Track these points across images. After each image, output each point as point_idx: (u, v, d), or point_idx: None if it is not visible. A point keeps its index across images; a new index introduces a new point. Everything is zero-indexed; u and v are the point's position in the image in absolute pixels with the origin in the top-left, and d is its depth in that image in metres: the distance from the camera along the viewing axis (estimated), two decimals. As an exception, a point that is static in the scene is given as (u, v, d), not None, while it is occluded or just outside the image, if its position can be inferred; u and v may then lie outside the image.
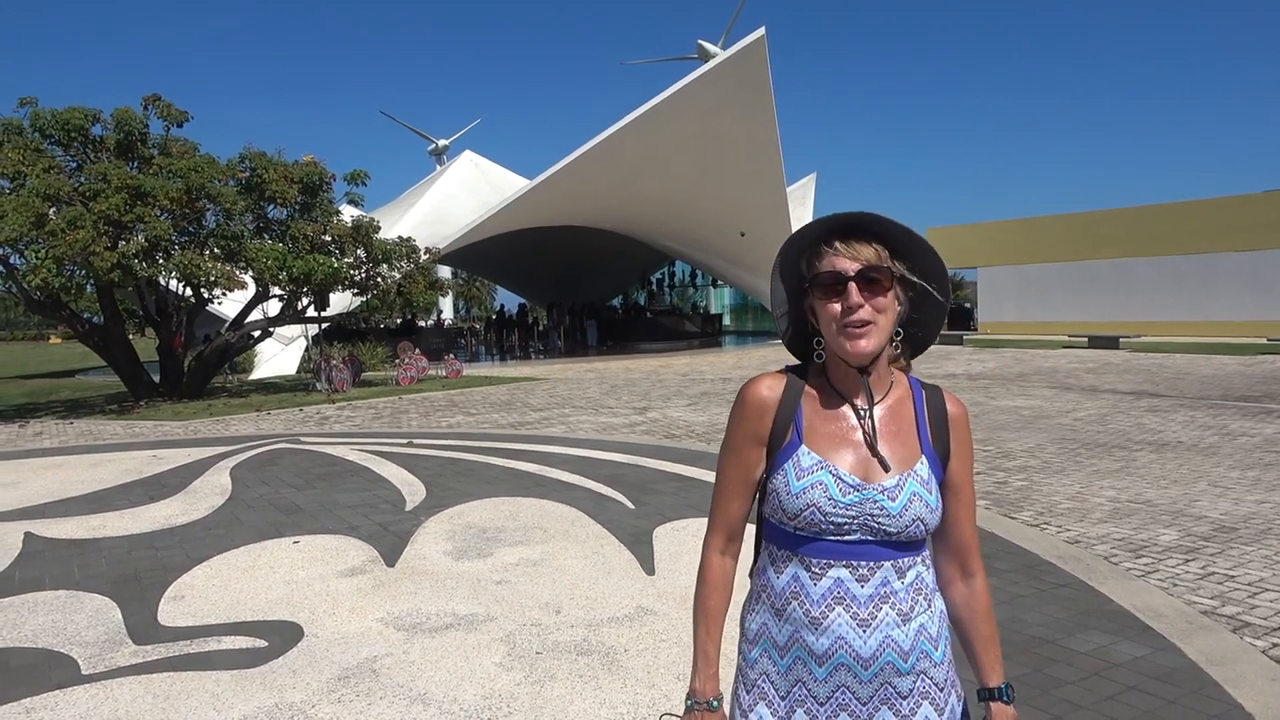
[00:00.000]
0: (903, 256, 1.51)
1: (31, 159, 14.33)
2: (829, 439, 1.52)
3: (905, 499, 1.48)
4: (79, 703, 3.54)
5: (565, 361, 24.82)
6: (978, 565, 1.61)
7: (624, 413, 12.52)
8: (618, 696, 3.45)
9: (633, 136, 21.44)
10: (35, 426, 13.40)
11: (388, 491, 7.46)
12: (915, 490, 1.49)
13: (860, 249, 1.47)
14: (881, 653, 1.47)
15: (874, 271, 1.46)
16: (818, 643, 1.48)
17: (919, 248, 1.51)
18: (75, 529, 6.50)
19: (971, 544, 1.60)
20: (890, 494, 1.48)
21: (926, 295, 1.55)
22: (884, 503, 1.47)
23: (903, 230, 1.49)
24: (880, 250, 1.48)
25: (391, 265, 17.59)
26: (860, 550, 1.48)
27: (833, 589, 1.48)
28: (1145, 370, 16.51)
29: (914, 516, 1.48)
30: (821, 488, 1.48)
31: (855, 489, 1.48)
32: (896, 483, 1.49)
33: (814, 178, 40.18)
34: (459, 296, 64.32)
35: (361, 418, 13.11)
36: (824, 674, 1.49)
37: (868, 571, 1.48)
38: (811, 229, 1.52)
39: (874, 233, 1.50)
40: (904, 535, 1.48)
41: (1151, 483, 7.01)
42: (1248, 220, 25.40)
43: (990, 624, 1.60)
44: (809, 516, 1.49)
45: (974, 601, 1.60)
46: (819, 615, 1.48)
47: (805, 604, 1.50)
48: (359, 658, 3.91)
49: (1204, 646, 3.72)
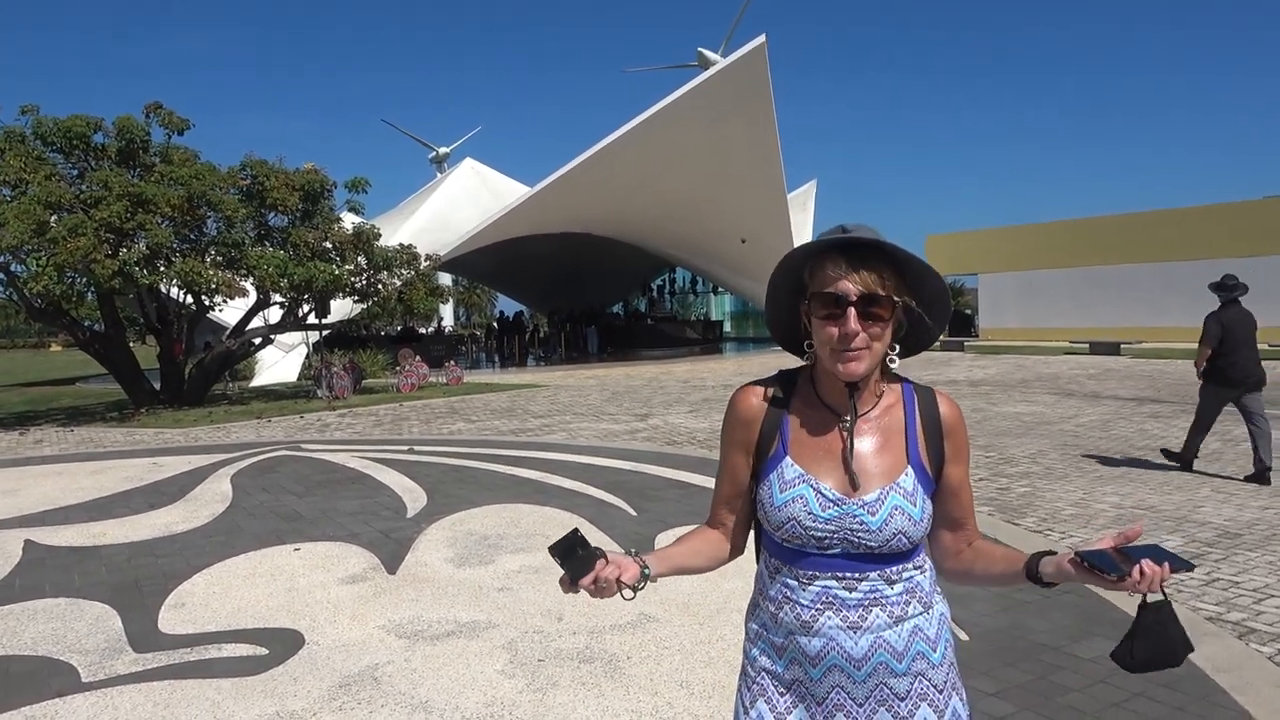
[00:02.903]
0: (904, 277, 1.49)
1: (33, 166, 14.33)
2: (812, 451, 1.53)
3: (886, 513, 1.47)
4: (79, 711, 3.52)
5: (566, 368, 24.81)
6: (979, 540, 1.63)
7: (625, 419, 12.51)
8: (620, 704, 3.43)
9: (634, 144, 21.48)
10: (35, 434, 13.38)
11: (389, 498, 7.44)
12: (897, 504, 1.48)
13: (865, 276, 1.44)
14: (874, 653, 1.47)
15: (875, 298, 1.45)
16: (810, 644, 1.50)
17: (920, 271, 1.49)
18: (75, 536, 6.49)
19: (975, 538, 1.62)
20: (870, 508, 1.47)
21: (924, 318, 1.54)
22: (864, 517, 1.47)
23: (905, 254, 1.47)
24: (883, 276, 1.46)
25: (392, 272, 17.59)
26: (845, 564, 1.49)
27: (821, 594, 1.50)
28: (1147, 376, 16.49)
29: (895, 530, 1.47)
30: (802, 501, 1.49)
31: (835, 504, 1.48)
32: (877, 497, 1.48)
33: (814, 184, 40.24)
34: (459, 303, 64.25)
35: (362, 425, 13.10)
36: (818, 674, 1.50)
37: (854, 580, 1.49)
38: (817, 245, 1.51)
39: (879, 255, 1.47)
40: (886, 549, 1.48)
41: (1155, 489, 6.99)
42: (1248, 226, 25.42)
43: (999, 547, 1.60)
44: (791, 529, 1.50)
45: (979, 546, 1.60)
46: (809, 619, 1.50)
47: (796, 609, 1.51)
48: (360, 665, 3.89)
49: (1209, 653, 3.71)
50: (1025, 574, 1.45)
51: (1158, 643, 1.40)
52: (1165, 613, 1.41)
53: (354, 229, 17.31)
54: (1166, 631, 1.40)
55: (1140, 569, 1.32)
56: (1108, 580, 1.33)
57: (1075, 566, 1.37)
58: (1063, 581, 1.42)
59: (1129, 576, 1.31)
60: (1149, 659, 1.40)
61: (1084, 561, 1.35)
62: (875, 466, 1.50)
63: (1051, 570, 1.41)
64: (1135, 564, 1.32)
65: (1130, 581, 1.32)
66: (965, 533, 1.61)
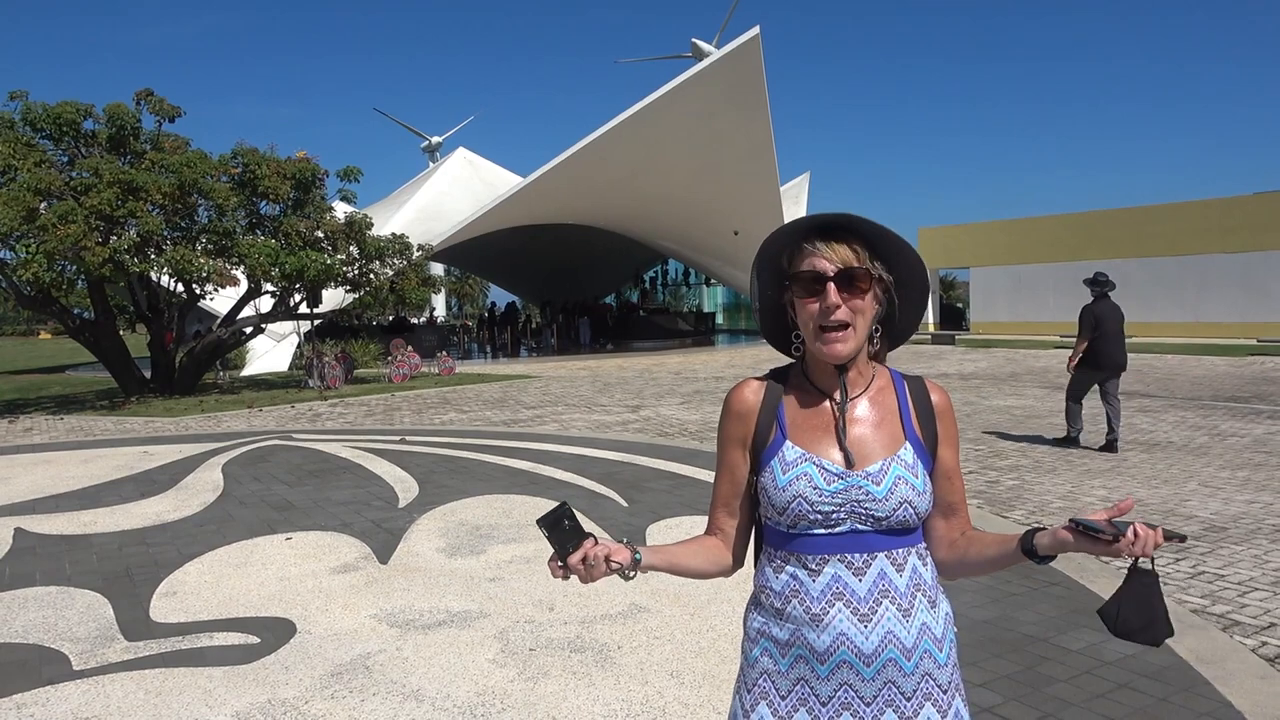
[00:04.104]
0: (881, 256, 1.53)
1: (23, 153, 14.24)
2: (812, 433, 1.55)
3: (890, 482, 1.50)
4: (71, 698, 3.53)
5: (558, 359, 24.80)
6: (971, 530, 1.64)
7: (617, 411, 12.53)
8: (611, 693, 3.45)
9: (626, 135, 21.44)
10: (25, 422, 13.33)
11: (380, 488, 7.45)
12: (900, 474, 1.50)
13: (838, 249, 1.49)
14: (884, 649, 1.48)
15: (852, 272, 1.48)
16: (819, 640, 1.49)
17: (896, 247, 1.53)
18: (66, 525, 6.48)
19: (967, 527, 1.63)
20: (874, 478, 1.50)
21: (905, 294, 1.57)
22: (869, 487, 1.49)
23: (880, 230, 1.51)
24: (859, 250, 1.50)
25: (384, 262, 17.54)
26: (852, 541, 1.50)
27: (831, 584, 1.50)
28: (1136, 371, 16.57)
29: (900, 499, 1.49)
30: (807, 478, 1.50)
31: (840, 477, 1.50)
32: (880, 467, 1.51)
33: (808, 177, 40.18)
34: (452, 294, 64.22)
35: (354, 415, 13.08)
36: (826, 672, 1.49)
37: (863, 565, 1.50)
38: (791, 227, 1.55)
39: (853, 232, 1.51)
40: (893, 520, 1.50)
41: (1142, 482, 7.04)
42: (1239, 221, 25.51)
43: (991, 533, 1.61)
44: (797, 508, 1.50)
45: (971, 534, 1.61)
46: (819, 612, 1.49)
47: (805, 601, 1.51)
48: (352, 654, 3.90)
49: (1194, 645, 3.75)
50: (1021, 550, 1.46)
51: (1142, 610, 1.43)
52: (1151, 582, 1.44)
53: (346, 218, 17.26)
54: (1151, 601, 1.43)
55: (1135, 530, 1.34)
56: (1103, 541, 1.34)
57: (1071, 533, 1.38)
58: (1059, 552, 1.42)
59: (1124, 537, 1.33)
60: (1132, 627, 1.43)
61: (1079, 527, 1.37)
62: (875, 440, 1.53)
63: (1048, 542, 1.42)
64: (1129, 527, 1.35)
65: (1125, 542, 1.33)
66: (958, 520, 1.62)
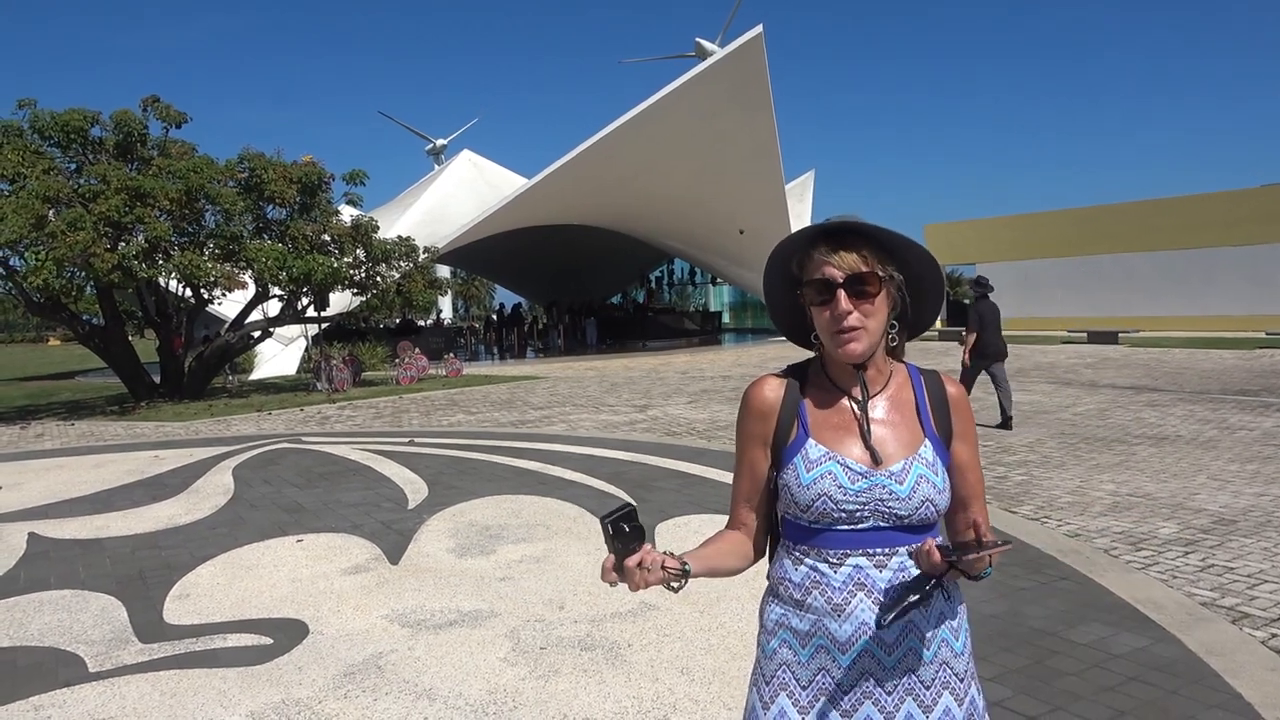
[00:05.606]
0: (892, 255, 1.54)
1: (31, 161, 14.34)
2: (834, 431, 1.57)
3: (913, 481, 1.52)
4: (87, 700, 3.57)
5: (565, 360, 24.83)
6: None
7: (625, 411, 12.55)
8: (621, 691, 3.47)
9: (631, 135, 21.45)
10: (36, 428, 13.42)
11: (390, 490, 7.48)
12: (921, 472, 1.53)
13: (846, 256, 1.50)
14: (905, 638, 1.51)
15: (861, 277, 1.50)
16: (841, 629, 1.51)
17: (904, 244, 1.55)
18: (79, 529, 6.53)
19: (983, 524, 1.62)
20: (898, 478, 1.52)
21: (918, 290, 1.59)
22: (892, 486, 1.52)
23: (887, 232, 1.53)
24: (868, 255, 1.51)
25: (391, 265, 17.60)
26: (875, 537, 1.52)
27: (853, 575, 1.52)
28: (1144, 365, 16.53)
29: (923, 497, 1.52)
30: (831, 477, 1.53)
31: (864, 475, 1.52)
32: (903, 466, 1.53)
33: (812, 175, 40.13)
34: (458, 295, 64.19)
35: (362, 417, 13.13)
36: (848, 661, 1.52)
37: (885, 558, 1.52)
38: (799, 235, 1.57)
39: (861, 235, 1.53)
40: (915, 518, 1.52)
41: (1151, 476, 7.03)
42: (1245, 214, 25.40)
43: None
44: (821, 506, 1.52)
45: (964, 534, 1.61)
46: (841, 602, 1.52)
47: (827, 591, 1.53)
48: (364, 654, 3.93)
49: (1203, 637, 3.75)
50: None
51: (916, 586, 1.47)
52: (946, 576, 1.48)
53: (352, 221, 17.32)
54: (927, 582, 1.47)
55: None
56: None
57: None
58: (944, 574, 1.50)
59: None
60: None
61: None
62: (896, 440, 1.55)
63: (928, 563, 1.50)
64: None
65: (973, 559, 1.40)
66: (966, 514, 1.62)
